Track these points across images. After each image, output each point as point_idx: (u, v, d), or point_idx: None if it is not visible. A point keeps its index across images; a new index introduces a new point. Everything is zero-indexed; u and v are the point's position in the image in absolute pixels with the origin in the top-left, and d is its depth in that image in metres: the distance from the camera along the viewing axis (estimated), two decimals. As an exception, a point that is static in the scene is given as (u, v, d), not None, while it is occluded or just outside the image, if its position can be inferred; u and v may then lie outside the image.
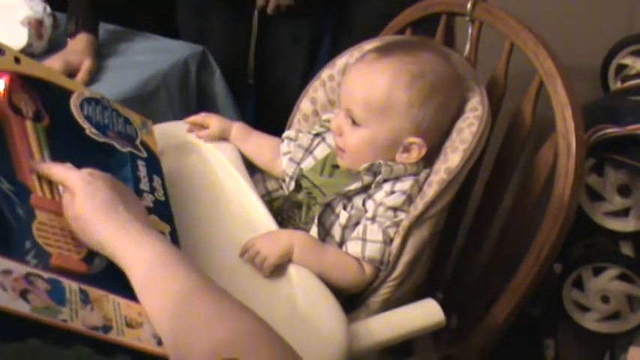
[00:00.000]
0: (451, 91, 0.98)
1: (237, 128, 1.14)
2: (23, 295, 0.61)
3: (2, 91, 0.82)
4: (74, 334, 0.63)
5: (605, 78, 1.58)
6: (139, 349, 0.66)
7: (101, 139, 0.91)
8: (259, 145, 1.15)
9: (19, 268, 0.64)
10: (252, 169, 1.13)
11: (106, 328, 0.65)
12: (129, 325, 0.68)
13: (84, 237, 0.74)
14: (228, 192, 1.05)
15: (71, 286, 0.67)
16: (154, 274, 0.70)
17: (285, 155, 1.12)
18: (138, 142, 0.98)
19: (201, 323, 0.65)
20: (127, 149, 0.94)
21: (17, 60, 0.87)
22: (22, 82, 0.86)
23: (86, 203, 0.75)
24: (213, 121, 1.13)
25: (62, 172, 0.78)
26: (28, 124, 0.82)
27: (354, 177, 1.00)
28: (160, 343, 0.68)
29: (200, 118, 1.15)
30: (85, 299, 0.66)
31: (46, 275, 0.66)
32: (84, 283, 0.68)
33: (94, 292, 0.68)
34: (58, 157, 0.82)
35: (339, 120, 1.01)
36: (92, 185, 0.77)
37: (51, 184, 0.78)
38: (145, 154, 0.97)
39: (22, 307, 0.60)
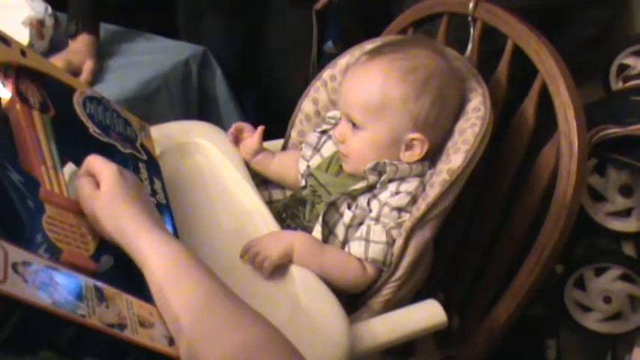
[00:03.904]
0: (447, 84, 0.98)
1: (262, 155, 1.13)
2: (43, 288, 0.60)
3: (10, 79, 0.81)
4: (84, 344, 0.62)
5: (607, 78, 1.57)
6: (151, 348, 0.66)
7: (104, 138, 0.91)
8: (282, 167, 1.14)
9: (37, 261, 0.63)
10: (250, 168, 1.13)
11: (122, 326, 0.64)
12: (142, 324, 0.67)
13: (103, 223, 0.74)
14: (230, 193, 1.05)
15: (87, 282, 0.66)
16: (174, 273, 0.70)
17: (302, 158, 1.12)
18: (138, 144, 0.98)
19: (218, 328, 0.65)
20: (128, 151, 0.94)
21: (23, 53, 0.87)
22: (29, 73, 0.85)
23: (116, 192, 0.76)
24: (247, 136, 1.13)
25: (96, 158, 0.79)
26: (35, 113, 0.81)
27: (360, 177, 0.99)
28: (171, 343, 0.67)
29: (239, 127, 1.14)
30: (100, 296, 0.66)
31: (63, 270, 0.65)
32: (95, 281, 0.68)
33: (108, 289, 0.68)
34: (63, 151, 0.81)
35: (340, 127, 1.02)
36: (123, 177, 0.78)
37: (58, 177, 0.78)
38: (145, 157, 0.97)
39: (43, 301, 0.59)
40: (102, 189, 0.76)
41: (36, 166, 0.76)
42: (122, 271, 0.73)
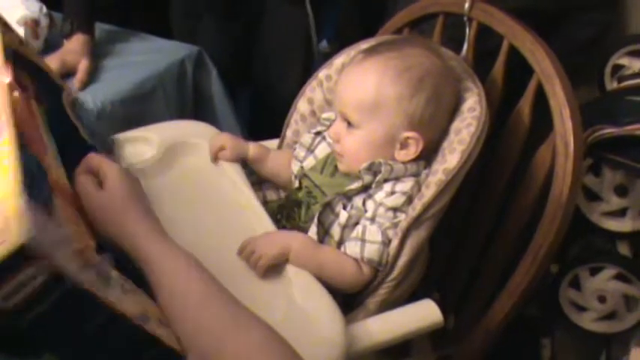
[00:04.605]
0: (442, 83, 0.98)
1: (254, 150, 1.12)
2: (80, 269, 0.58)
3: (9, 64, 0.79)
4: (93, 350, 0.61)
5: (602, 78, 1.58)
6: (168, 346, 0.65)
7: (91, 141, 0.91)
8: (277, 165, 1.14)
9: (73, 241, 0.61)
10: (248, 168, 1.13)
11: (145, 319, 0.63)
12: (159, 321, 0.66)
13: (107, 222, 0.74)
14: (226, 192, 1.05)
15: (112, 271, 0.65)
16: (182, 278, 0.71)
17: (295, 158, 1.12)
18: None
19: (222, 331, 0.66)
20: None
21: (21, 43, 0.86)
22: (24, 64, 0.84)
23: (122, 192, 0.76)
24: (228, 142, 1.10)
25: (97, 156, 0.80)
26: (33, 102, 0.80)
27: (355, 177, 0.99)
28: (179, 345, 0.67)
29: (216, 143, 1.10)
30: (123, 287, 0.65)
31: (93, 254, 0.64)
32: None
33: (128, 282, 0.67)
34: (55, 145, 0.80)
35: (335, 126, 1.02)
36: (129, 178, 0.79)
37: (58, 168, 0.77)
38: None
39: (85, 280, 0.57)
40: (107, 188, 0.76)
41: (42, 154, 0.74)
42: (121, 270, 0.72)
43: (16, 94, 0.77)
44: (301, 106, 1.17)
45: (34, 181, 0.65)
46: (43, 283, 0.53)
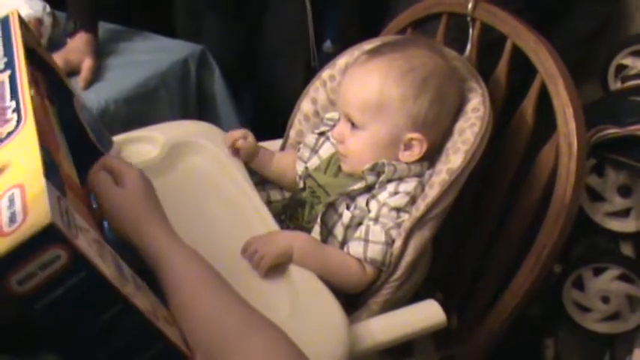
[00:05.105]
0: (445, 84, 0.98)
1: (262, 155, 1.13)
2: (99, 257, 0.58)
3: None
4: (92, 349, 0.60)
5: (605, 78, 1.58)
6: (174, 343, 0.65)
7: (100, 147, 0.91)
8: (283, 166, 1.14)
9: (91, 230, 0.61)
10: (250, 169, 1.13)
11: (155, 315, 0.63)
12: (166, 320, 0.66)
13: (123, 219, 0.76)
14: (230, 192, 1.04)
15: (126, 267, 0.64)
16: (189, 271, 0.72)
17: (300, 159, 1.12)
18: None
19: (235, 330, 0.66)
20: None
21: (38, 43, 0.87)
22: (39, 64, 0.84)
23: (142, 192, 0.78)
24: (249, 135, 1.11)
25: (115, 158, 0.82)
26: (46, 101, 0.80)
27: (358, 177, 0.99)
28: (185, 346, 0.67)
29: (238, 132, 1.11)
30: (136, 283, 0.64)
31: (107, 247, 0.63)
32: None
33: (140, 279, 0.66)
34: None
35: (339, 127, 1.02)
36: (146, 181, 0.80)
37: (70, 165, 0.77)
38: None
39: (105, 269, 0.56)
40: (127, 187, 0.78)
41: (54, 150, 0.74)
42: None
43: (32, 90, 0.78)
44: (305, 106, 1.17)
45: (49, 172, 0.64)
46: (64, 266, 0.53)
